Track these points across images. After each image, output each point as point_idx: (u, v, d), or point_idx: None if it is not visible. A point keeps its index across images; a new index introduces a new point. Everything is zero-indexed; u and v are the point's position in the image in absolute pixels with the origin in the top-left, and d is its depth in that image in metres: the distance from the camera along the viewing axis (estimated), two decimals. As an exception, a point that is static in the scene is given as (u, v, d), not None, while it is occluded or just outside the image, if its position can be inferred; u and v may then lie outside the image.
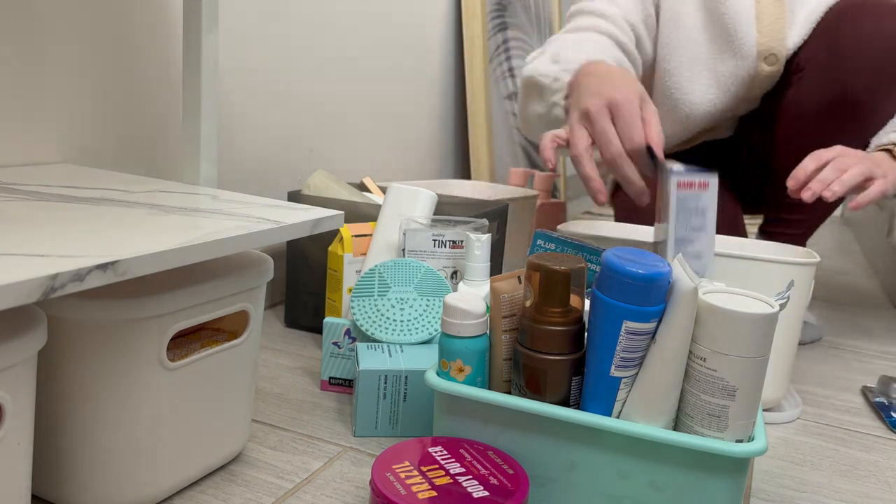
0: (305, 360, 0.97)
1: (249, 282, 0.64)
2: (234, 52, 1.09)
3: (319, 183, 1.08)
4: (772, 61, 0.98)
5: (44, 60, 0.81)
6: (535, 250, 0.77)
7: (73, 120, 0.85)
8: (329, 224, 0.66)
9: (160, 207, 0.62)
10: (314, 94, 1.29)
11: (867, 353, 1.18)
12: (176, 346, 0.63)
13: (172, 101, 0.98)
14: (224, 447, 0.66)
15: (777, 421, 0.87)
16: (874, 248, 1.94)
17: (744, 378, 0.55)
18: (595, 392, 0.59)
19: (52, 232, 0.50)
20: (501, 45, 1.88)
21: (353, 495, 0.65)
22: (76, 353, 0.54)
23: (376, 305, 0.83)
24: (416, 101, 1.67)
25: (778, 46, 0.97)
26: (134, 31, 0.91)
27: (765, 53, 0.98)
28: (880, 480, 0.76)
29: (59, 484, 0.57)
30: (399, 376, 0.75)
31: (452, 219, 0.94)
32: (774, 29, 0.96)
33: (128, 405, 0.56)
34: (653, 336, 0.57)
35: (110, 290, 0.54)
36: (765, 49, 0.97)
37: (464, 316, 0.64)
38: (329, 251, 0.97)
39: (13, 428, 0.47)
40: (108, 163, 0.91)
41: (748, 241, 0.96)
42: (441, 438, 0.61)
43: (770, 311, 0.54)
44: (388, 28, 1.51)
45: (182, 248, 0.50)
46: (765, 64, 0.98)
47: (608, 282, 0.56)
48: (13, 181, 0.68)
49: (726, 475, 0.56)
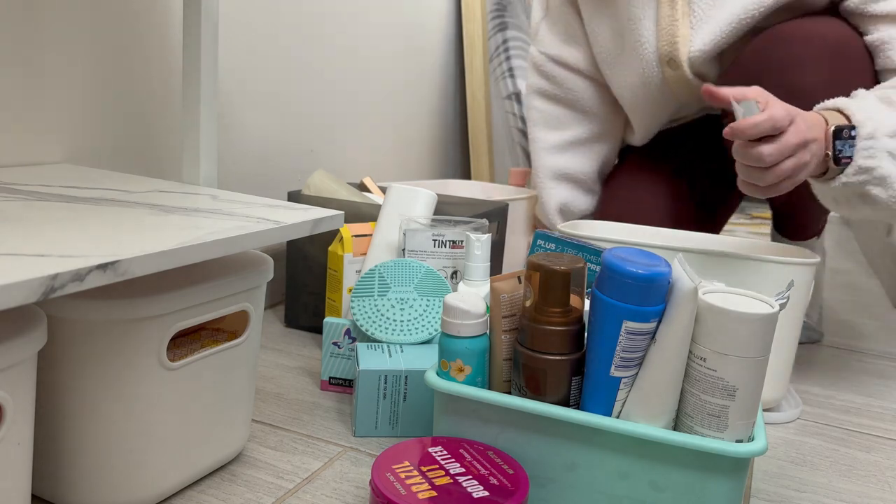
0: (305, 360, 0.97)
1: (249, 282, 0.64)
2: (234, 52, 1.09)
3: (319, 183, 1.08)
4: (674, 65, 1.00)
5: (44, 61, 0.81)
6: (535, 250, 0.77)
7: (74, 120, 0.85)
8: (329, 224, 0.66)
9: (160, 207, 0.62)
10: (314, 94, 1.29)
11: (867, 353, 1.18)
12: (176, 346, 0.63)
13: (172, 101, 0.98)
14: (224, 447, 0.66)
15: (777, 421, 0.87)
16: (874, 248, 1.94)
17: (744, 378, 0.55)
18: (595, 392, 0.59)
19: (52, 232, 0.50)
20: (501, 45, 1.88)
21: (353, 495, 0.65)
22: (76, 353, 0.54)
23: (376, 305, 0.83)
24: (416, 101, 1.67)
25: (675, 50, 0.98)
26: (134, 31, 0.91)
27: (665, 58, 0.99)
28: (880, 480, 0.76)
29: (59, 484, 0.57)
30: (399, 376, 0.75)
31: (452, 219, 0.94)
32: (671, 34, 0.97)
33: (128, 405, 0.56)
34: (653, 336, 0.57)
35: (110, 290, 0.54)
36: (664, 54, 0.99)
37: (464, 316, 0.64)
38: (329, 251, 0.97)
39: (13, 428, 0.47)
40: (108, 163, 0.91)
41: (748, 241, 0.96)
42: (441, 438, 0.61)
43: (770, 311, 0.54)
44: (388, 28, 1.51)
45: (182, 248, 0.50)
46: (669, 68, 1.00)
47: (608, 282, 0.56)
48: (13, 181, 0.68)
49: (726, 475, 0.56)
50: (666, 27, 0.97)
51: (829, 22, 0.90)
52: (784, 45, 0.89)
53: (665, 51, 0.98)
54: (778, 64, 0.89)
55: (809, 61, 0.87)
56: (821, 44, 0.87)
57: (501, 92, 1.89)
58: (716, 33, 0.95)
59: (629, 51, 1.04)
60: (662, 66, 1.00)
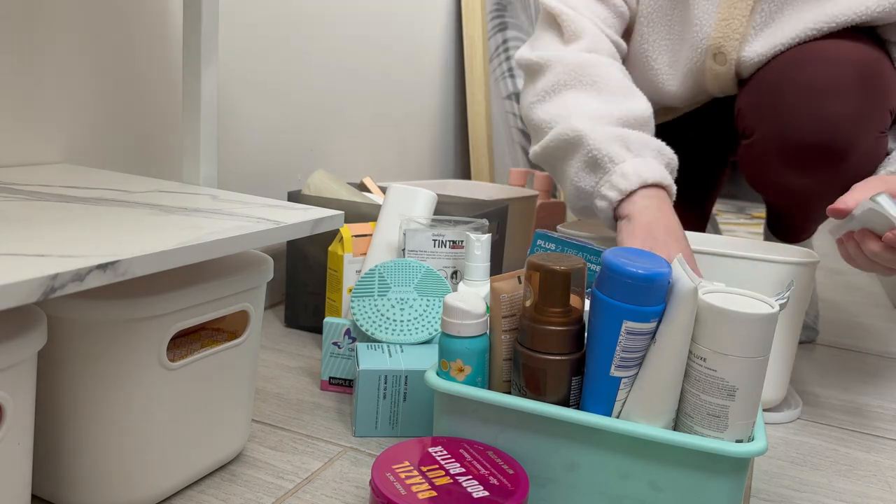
0: (305, 360, 0.97)
1: (249, 282, 0.64)
2: (234, 52, 1.09)
3: (319, 183, 1.08)
4: (721, 61, 0.93)
5: (44, 60, 0.81)
6: (535, 250, 0.77)
7: (73, 120, 0.85)
8: (329, 224, 0.66)
9: (160, 207, 0.62)
10: (314, 94, 1.29)
11: (867, 353, 1.18)
12: (176, 346, 0.63)
13: (172, 101, 0.98)
14: (224, 447, 0.66)
15: (777, 421, 0.87)
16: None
17: (744, 378, 0.55)
18: (595, 392, 0.59)
19: (52, 232, 0.50)
20: (501, 45, 1.88)
21: (353, 495, 0.65)
22: (76, 353, 0.54)
23: (376, 306, 0.83)
24: (416, 100, 1.67)
25: (728, 46, 0.91)
26: (134, 31, 0.91)
27: (714, 50, 0.93)
28: (880, 480, 0.76)
29: (59, 484, 0.57)
30: (399, 376, 0.75)
31: (452, 219, 0.94)
32: (730, 27, 0.91)
33: (128, 405, 0.56)
34: (653, 336, 0.57)
35: (110, 290, 0.54)
36: (714, 45, 0.92)
37: (464, 316, 0.64)
38: (329, 251, 0.97)
39: (13, 428, 0.47)
40: (108, 163, 0.91)
41: (748, 241, 0.96)
42: (441, 438, 0.61)
43: (770, 311, 0.54)
44: (388, 28, 1.51)
45: (182, 248, 0.50)
46: (714, 62, 0.94)
47: (608, 282, 0.56)
48: (13, 181, 0.68)
49: (726, 475, 0.56)
50: (727, 19, 0.90)
51: (857, 45, 0.85)
52: (810, 67, 0.84)
53: (717, 43, 0.91)
54: (805, 88, 0.84)
55: (840, 88, 0.83)
56: (849, 69, 0.83)
57: (501, 92, 1.89)
58: (778, 41, 0.88)
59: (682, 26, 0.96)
60: (707, 57, 0.94)
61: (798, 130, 0.83)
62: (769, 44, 0.89)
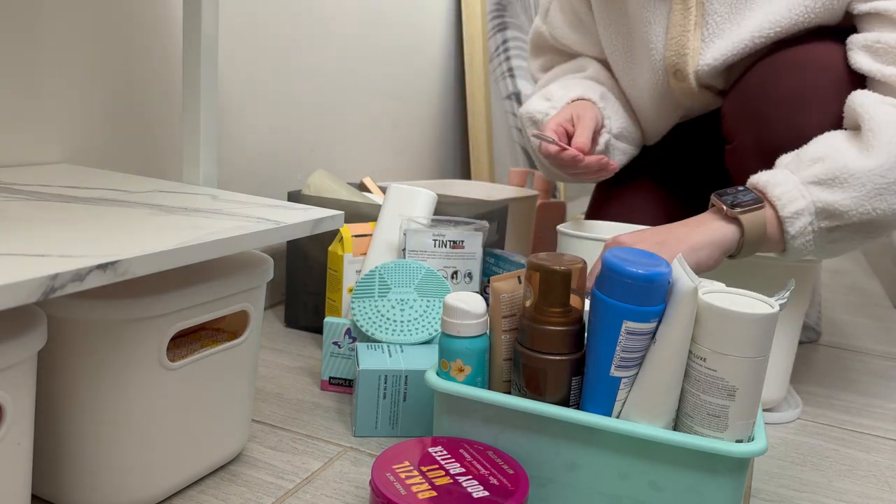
0: (305, 360, 0.97)
1: (249, 282, 0.64)
2: (235, 52, 1.09)
3: (319, 183, 1.08)
4: (681, 77, 0.95)
5: (44, 60, 0.81)
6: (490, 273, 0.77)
7: (73, 120, 0.85)
8: (329, 224, 0.66)
9: (160, 207, 0.62)
10: (314, 94, 1.29)
11: (867, 353, 1.18)
12: (176, 346, 0.63)
13: (172, 101, 0.98)
14: (224, 447, 0.66)
15: (777, 421, 0.87)
16: (874, 248, 1.94)
17: (744, 378, 0.55)
18: (595, 392, 0.59)
19: (52, 232, 0.50)
20: (501, 45, 1.88)
21: (353, 495, 0.65)
22: (76, 353, 0.54)
23: (376, 306, 0.83)
24: (416, 101, 1.67)
25: (682, 62, 0.94)
26: (134, 31, 0.91)
27: (671, 69, 0.96)
28: (880, 480, 0.76)
29: (59, 484, 0.57)
30: (399, 376, 0.75)
31: (452, 219, 0.94)
32: (680, 44, 0.93)
33: (128, 405, 0.56)
34: (653, 336, 0.57)
35: (110, 290, 0.54)
36: (671, 64, 0.95)
37: (464, 316, 0.64)
38: (329, 251, 0.97)
39: (13, 428, 0.47)
40: (108, 163, 0.91)
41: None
42: (441, 438, 0.61)
43: (770, 311, 0.54)
44: (388, 28, 1.51)
45: (182, 248, 0.50)
46: (676, 80, 0.96)
47: (608, 282, 0.56)
48: (13, 181, 0.68)
49: (726, 475, 0.56)
50: (676, 37, 0.93)
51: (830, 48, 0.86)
52: (787, 74, 0.85)
53: (672, 61, 0.95)
54: (783, 96, 0.85)
55: (816, 96, 0.84)
56: (827, 76, 0.83)
57: (501, 92, 1.89)
58: (727, 50, 0.90)
59: (638, 52, 1.01)
60: (668, 76, 0.97)
61: (775, 138, 0.84)
62: (720, 52, 0.91)
